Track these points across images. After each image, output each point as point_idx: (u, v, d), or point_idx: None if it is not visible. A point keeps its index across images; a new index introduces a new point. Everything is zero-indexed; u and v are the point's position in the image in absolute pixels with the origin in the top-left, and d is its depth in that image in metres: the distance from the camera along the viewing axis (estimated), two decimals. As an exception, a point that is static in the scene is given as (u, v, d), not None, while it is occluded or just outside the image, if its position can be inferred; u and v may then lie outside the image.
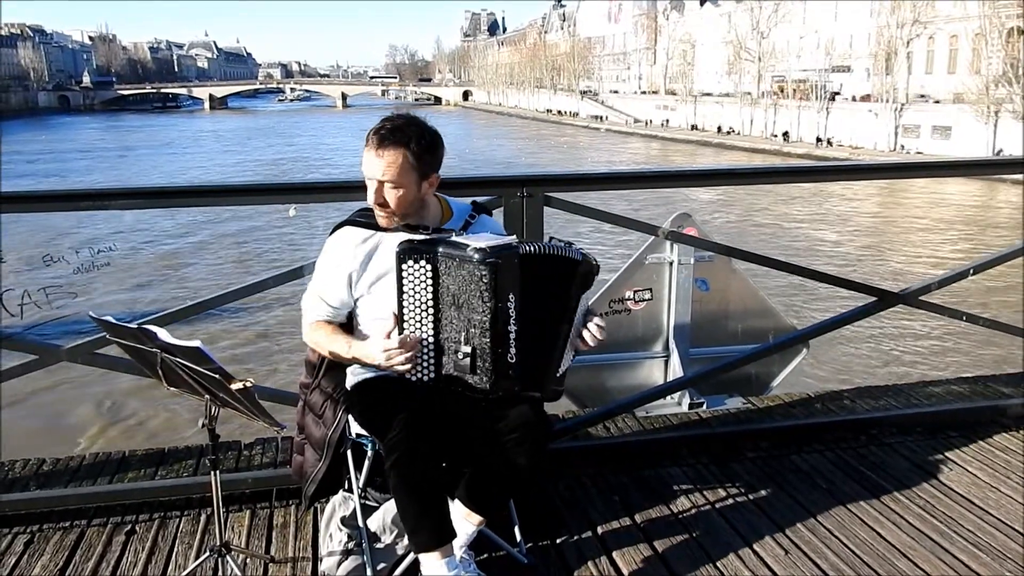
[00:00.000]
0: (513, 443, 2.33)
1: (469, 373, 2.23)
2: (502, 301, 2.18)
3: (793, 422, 3.89)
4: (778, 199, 26.96)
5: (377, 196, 2.32)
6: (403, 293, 2.25)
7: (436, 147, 2.35)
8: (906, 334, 12.25)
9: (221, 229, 22.55)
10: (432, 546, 2.30)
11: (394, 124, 2.29)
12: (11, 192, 3.20)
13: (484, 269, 2.16)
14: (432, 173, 2.36)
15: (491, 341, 2.20)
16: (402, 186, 2.30)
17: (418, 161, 2.29)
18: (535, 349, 2.29)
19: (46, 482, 3.29)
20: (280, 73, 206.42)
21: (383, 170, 2.28)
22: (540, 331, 2.30)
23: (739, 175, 4.61)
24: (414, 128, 2.30)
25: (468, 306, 2.19)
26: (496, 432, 2.34)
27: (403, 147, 2.27)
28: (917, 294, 3.87)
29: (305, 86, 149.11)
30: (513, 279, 2.20)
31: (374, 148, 2.28)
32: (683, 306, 4.16)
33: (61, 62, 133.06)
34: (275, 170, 41.50)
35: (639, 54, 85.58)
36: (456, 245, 2.22)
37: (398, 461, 2.24)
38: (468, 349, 2.21)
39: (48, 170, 41.97)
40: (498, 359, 2.22)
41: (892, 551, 2.77)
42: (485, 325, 2.19)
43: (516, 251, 2.23)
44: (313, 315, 2.49)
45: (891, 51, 46.70)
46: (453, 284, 2.20)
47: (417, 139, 2.29)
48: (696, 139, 56.53)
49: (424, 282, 2.23)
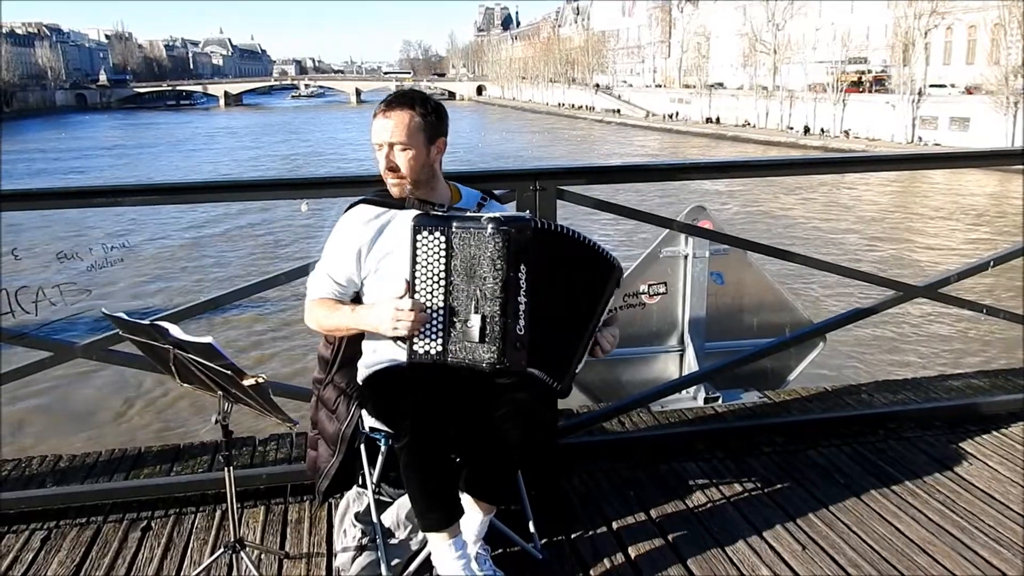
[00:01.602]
0: (503, 419, 2.31)
1: (477, 343, 2.23)
2: (513, 270, 2.21)
3: (810, 416, 3.85)
4: (786, 189, 26.85)
5: (387, 161, 2.35)
6: (416, 263, 2.27)
7: (441, 113, 2.41)
8: (925, 327, 12.14)
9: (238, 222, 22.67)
10: (440, 526, 2.33)
11: (399, 92, 2.40)
12: (25, 189, 3.20)
13: (497, 237, 2.19)
14: (439, 137, 2.40)
15: (500, 310, 2.21)
16: (411, 147, 2.34)
17: (424, 121, 2.34)
18: (545, 326, 2.28)
19: (63, 479, 3.31)
20: (294, 70, 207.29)
21: (391, 131, 2.33)
22: (551, 308, 2.30)
23: (753, 167, 4.59)
24: (418, 95, 2.40)
25: (479, 275, 2.22)
26: (491, 410, 2.33)
27: (409, 108, 2.34)
28: (936, 286, 3.82)
29: (319, 82, 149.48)
30: (525, 250, 2.22)
31: (381, 112, 2.35)
32: (698, 300, 4.13)
33: (78, 61, 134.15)
34: (289, 165, 41.69)
35: (653, 47, 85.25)
36: (470, 218, 2.27)
37: (409, 443, 2.26)
38: (477, 318, 2.22)
39: (71, 167, 42.45)
40: (507, 329, 2.22)
41: (911, 546, 2.73)
42: (496, 293, 2.21)
43: (529, 223, 2.27)
44: (318, 292, 2.48)
45: (908, 42, 46.33)
46: (466, 254, 2.23)
47: (422, 102, 2.36)
48: (711, 132, 56.28)
49: (437, 253, 2.25)
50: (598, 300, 2.43)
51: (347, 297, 2.48)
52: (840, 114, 48.89)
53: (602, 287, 2.43)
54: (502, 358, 2.23)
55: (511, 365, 2.24)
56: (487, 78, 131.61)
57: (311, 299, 2.49)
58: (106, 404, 9.77)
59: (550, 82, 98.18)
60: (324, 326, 2.49)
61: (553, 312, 2.31)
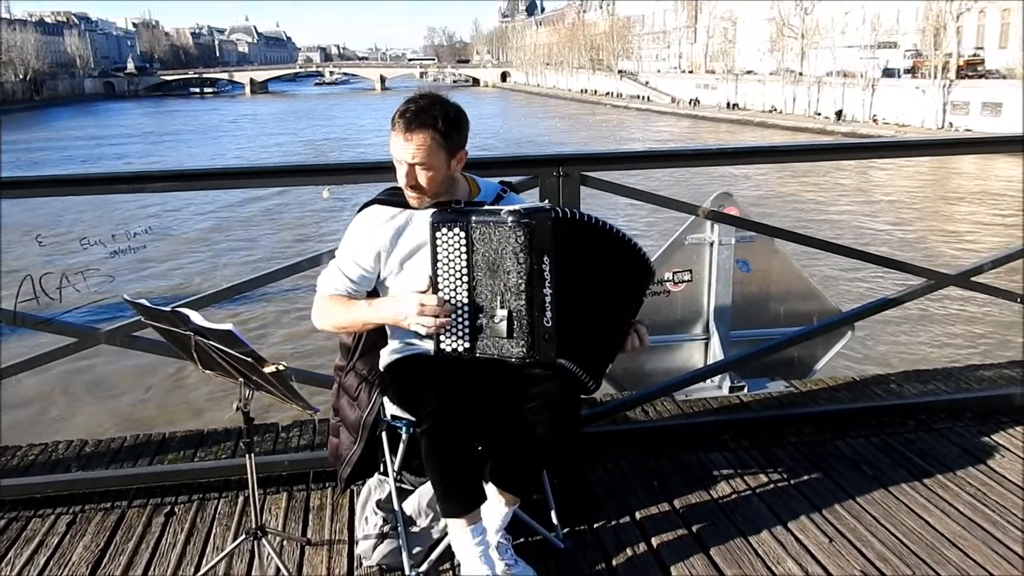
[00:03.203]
0: (532, 412, 2.30)
1: (506, 338, 2.22)
2: (537, 263, 2.18)
3: (838, 407, 3.80)
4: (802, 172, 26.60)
5: (409, 179, 2.33)
6: (437, 261, 2.26)
7: (461, 124, 2.35)
8: (956, 315, 11.95)
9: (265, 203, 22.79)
10: (460, 513, 2.33)
11: (418, 106, 2.29)
12: (49, 176, 3.22)
13: (519, 230, 2.16)
14: (459, 150, 2.36)
15: (526, 303, 2.19)
16: (432, 167, 2.31)
17: (445, 140, 2.30)
18: (572, 317, 2.26)
19: (88, 463, 3.34)
20: (319, 57, 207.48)
21: (412, 153, 2.28)
22: (577, 298, 2.28)
23: (779, 153, 4.51)
24: (439, 108, 2.30)
25: (503, 269, 2.20)
26: (520, 403, 2.32)
27: (430, 128, 2.27)
28: (969, 275, 3.74)
29: (344, 69, 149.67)
30: (547, 241, 2.19)
31: (401, 132, 2.29)
32: (724, 287, 4.08)
33: (106, 49, 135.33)
34: (313, 150, 41.84)
35: (679, 32, 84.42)
36: (489, 212, 2.25)
37: (430, 428, 2.25)
38: (504, 313, 2.21)
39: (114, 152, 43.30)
40: (534, 322, 2.20)
41: (941, 540, 2.68)
42: (520, 287, 2.19)
43: (549, 213, 2.24)
44: (330, 288, 2.46)
45: (940, 26, 45.45)
46: (487, 249, 2.21)
47: (443, 119, 2.29)
48: (736, 118, 55.66)
49: (458, 249, 2.24)
50: (626, 288, 2.41)
51: (360, 295, 2.47)
52: (869, 100, 48.19)
53: (630, 275, 2.41)
54: (531, 352, 2.21)
55: (541, 358, 2.23)
56: (511, 64, 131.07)
57: (322, 296, 2.47)
58: (129, 390, 9.87)
59: (575, 68, 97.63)
60: (337, 322, 2.45)
61: (580, 302, 2.28)
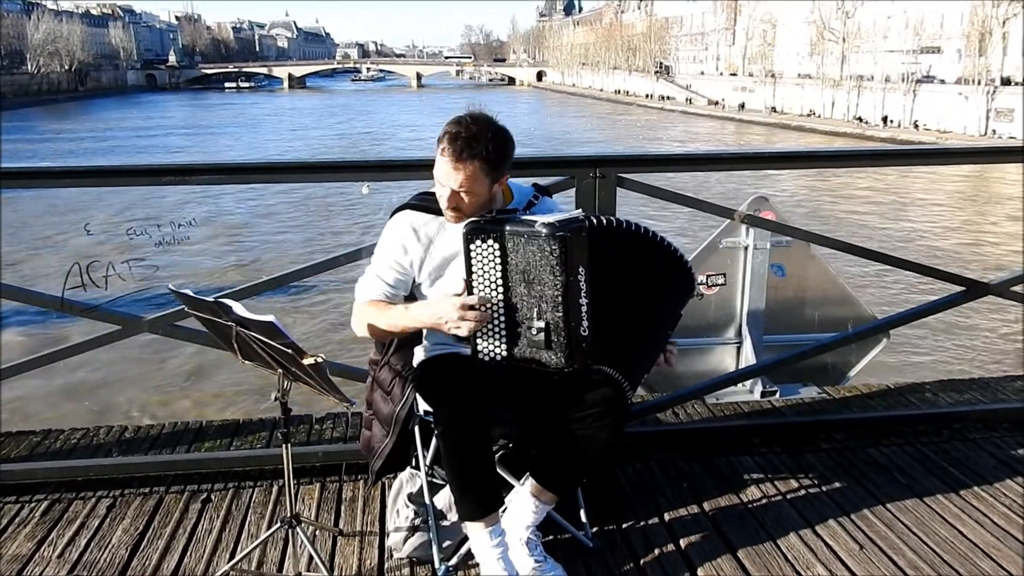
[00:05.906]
0: (593, 418, 2.32)
1: (544, 349, 2.22)
2: (573, 275, 2.17)
3: (871, 414, 3.77)
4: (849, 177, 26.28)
5: (451, 202, 2.33)
6: (472, 273, 2.26)
7: (508, 152, 2.34)
8: (994, 325, 11.75)
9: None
10: (475, 516, 2.35)
11: (470, 133, 2.26)
12: (98, 167, 3.29)
13: (554, 243, 2.15)
14: (502, 176, 2.36)
15: (564, 315, 2.19)
16: (476, 194, 2.31)
17: (492, 169, 2.29)
18: (610, 325, 2.27)
19: (128, 449, 3.42)
20: (357, 53, 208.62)
21: (460, 182, 2.28)
22: (615, 307, 2.28)
23: (819, 158, 4.48)
24: (489, 135, 2.28)
25: (539, 281, 2.19)
26: (574, 409, 2.34)
27: (479, 160, 2.26)
28: (1009, 284, 3.68)
29: (381, 66, 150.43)
30: (582, 253, 2.19)
31: (451, 160, 2.26)
32: (757, 292, 4.07)
33: (149, 41, 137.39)
34: (351, 144, 42.12)
35: (717, 34, 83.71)
36: (523, 222, 2.23)
37: (447, 431, 2.28)
38: (541, 324, 2.21)
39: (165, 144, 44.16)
40: (572, 333, 2.20)
41: (975, 550, 2.66)
42: (558, 300, 2.18)
43: (583, 224, 2.23)
44: (368, 295, 2.48)
45: (985, 31, 44.64)
46: (522, 260, 2.20)
47: (493, 148, 2.27)
48: (774, 122, 55.13)
49: (493, 261, 2.24)
50: (662, 294, 2.41)
51: (399, 300, 2.49)
52: (910, 105, 47.48)
53: (665, 280, 2.41)
54: (570, 362, 2.22)
55: (579, 367, 2.24)
56: (547, 64, 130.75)
57: (361, 301, 2.49)
58: (169, 378, 10.03)
59: (611, 69, 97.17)
60: (376, 327, 2.46)
61: (617, 310, 2.29)
